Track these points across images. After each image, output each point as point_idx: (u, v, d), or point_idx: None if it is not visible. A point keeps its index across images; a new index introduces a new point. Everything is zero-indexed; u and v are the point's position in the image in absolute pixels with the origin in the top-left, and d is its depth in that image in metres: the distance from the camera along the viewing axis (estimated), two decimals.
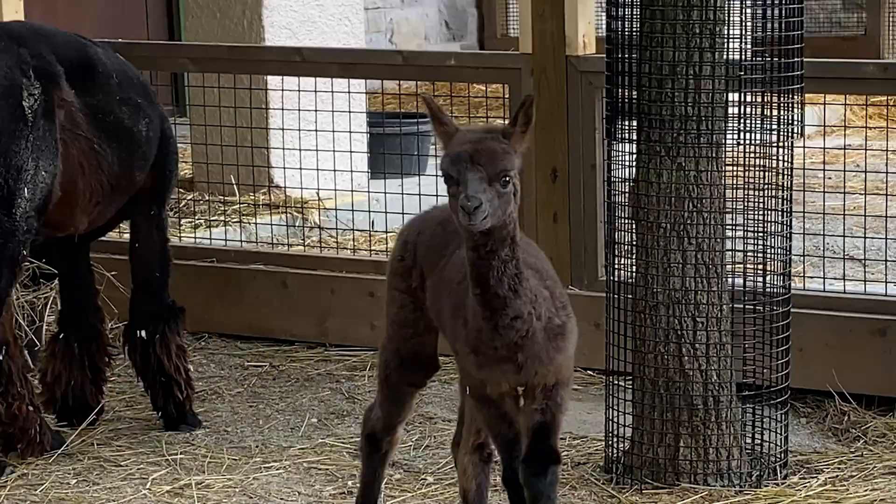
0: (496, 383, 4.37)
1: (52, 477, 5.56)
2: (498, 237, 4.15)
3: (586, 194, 6.76)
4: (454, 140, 4.19)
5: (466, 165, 4.08)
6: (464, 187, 4.07)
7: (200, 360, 7.00)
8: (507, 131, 4.19)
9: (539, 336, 4.29)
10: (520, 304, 4.23)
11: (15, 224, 5.39)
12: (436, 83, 8.16)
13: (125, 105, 5.81)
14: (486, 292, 4.20)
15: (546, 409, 4.40)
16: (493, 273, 4.17)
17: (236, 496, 5.38)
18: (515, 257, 4.20)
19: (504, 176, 4.11)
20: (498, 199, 4.10)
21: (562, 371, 4.40)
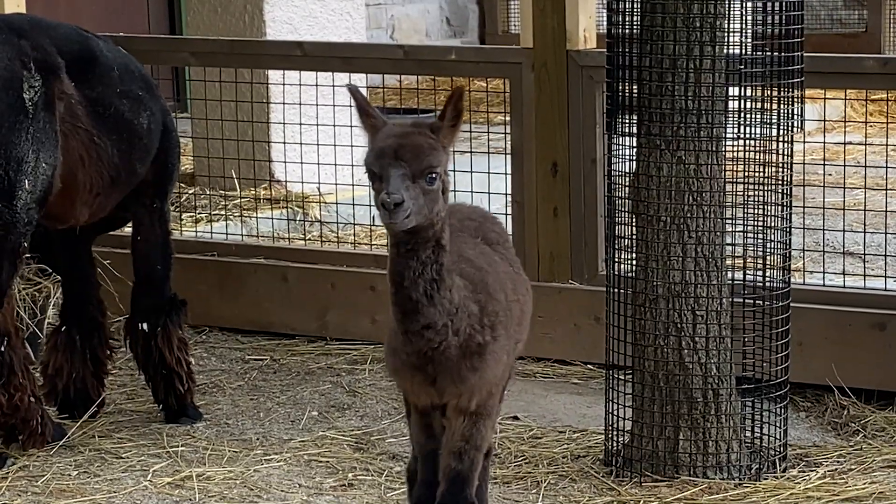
0: (414, 393, 4.22)
1: (53, 468, 5.57)
2: (421, 238, 3.96)
3: (586, 188, 6.78)
4: (380, 134, 4.02)
5: (389, 161, 3.92)
6: (385, 184, 3.90)
7: (201, 354, 7.02)
8: (435, 126, 4.03)
9: (452, 352, 4.07)
10: (433, 312, 4.02)
11: (16, 216, 5.40)
12: (436, 78, 8.14)
13: (126, 98, 5.82)
14: (398, 293, 4.01)
15: (463, 454, 4.21)
16: (409, 274, 3.98)
17: (237, 488, 5.40)
18: (438, 262, 4.00)
19: (430, 173, 3.93)
20: (423, 196, 3.91)
21: (480, 396, 4.17)
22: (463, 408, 4.18)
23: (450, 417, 4.21)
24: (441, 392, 4.14)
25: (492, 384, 4.20)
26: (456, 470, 4.19)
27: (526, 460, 5.62)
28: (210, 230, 7.88)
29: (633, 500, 5.24)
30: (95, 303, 6.15)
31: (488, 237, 4.43)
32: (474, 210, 4.65)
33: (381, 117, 4.07)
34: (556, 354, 6.81)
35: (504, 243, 4.51)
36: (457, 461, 4.19)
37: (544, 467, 5.55)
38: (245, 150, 8.11)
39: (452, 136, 4.05)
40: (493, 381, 4.20)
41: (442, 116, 4.05)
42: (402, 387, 4.28)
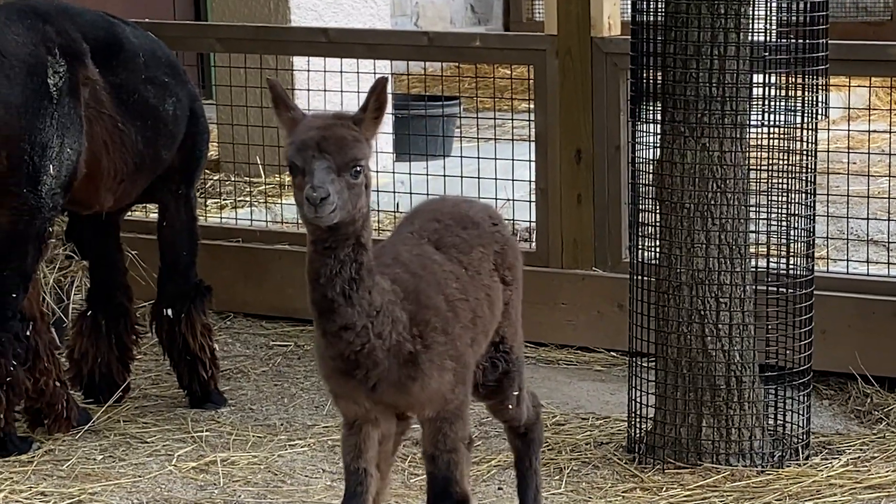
0: (347, 400, 4.04)
1: (78, 453, 5.61)
2: (341, 235, 3.80)
3: (610, 175, 6.78)
4: (300, 126, 3.86)
5: (313, 154, 3.76)
6: (309, 177, 3.74)
7: (226, 340, 7.05)
8: (357, 118, 3.87)
9: (379, 356, 3.91)
10: (351, 313, 3.85)
11: (41, 201, 5.44)
12: (461, 65, 8.16)
13: (151, 84, 5.84)
14: (315, 291, 3.85)
15: (438, 459, 4.08)
16: (325, 272, 3.82)
17: (261, 473, 5.42)
18: (358, 260, 3.83)
19: (354, 166, 3.78)
20: (347, 191, 3.76)
21: (434, 403, 4.03)
22: (422, 416, 4.07)
23: (421, 422, 4.12)
24: (384, 400, 3.99)
25: (442, 392, 4.03)
26: (434, 475, 4.09)
27: (549, 447, 5.63)
28: (235, 216, 7.91)
29: (656, 486, 5.25)
30: (122, 288, 6.17)
31: (444, 240, 4.21)
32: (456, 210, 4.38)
33: (301, 110, 3.92)
34: (580, 341, 6.82)
35: (470, 248, 4.24)
36: (432, 465, 4.09)
37: (567, 454, 5.57)
38: (270, 137, 8.13)
39: (375, 129, 3.88)
40: (443, 390, 4.02)
41: (364, 108, 3.88)
42: (334, 392, 4.09)
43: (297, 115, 3.89)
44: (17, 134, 5.37)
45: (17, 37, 5.43)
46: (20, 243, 5.43)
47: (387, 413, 4.11)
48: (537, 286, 6.86)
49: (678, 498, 5.15)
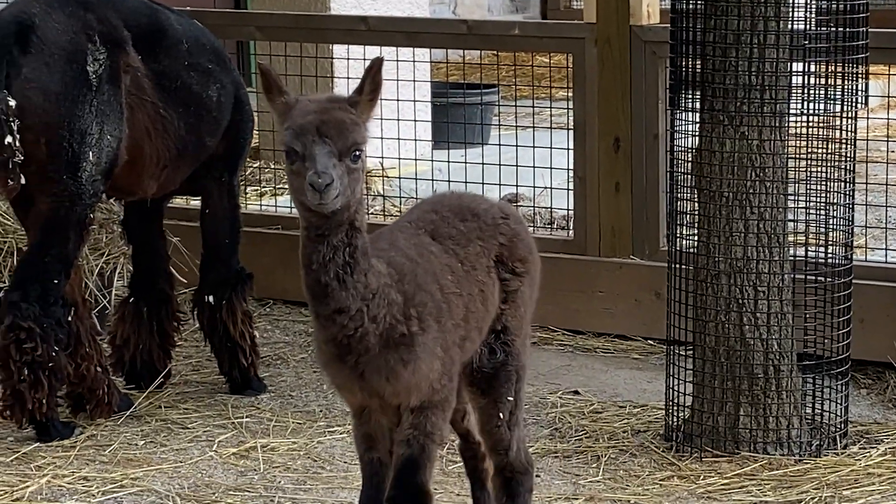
0: (346, 390, 3.95)
1: (120, 438, 5.66)
2: (335, 221, 3.70)
3: (649, 164, 6.78)
4: (295, 111, 3.72)
5: (313, 138, 3.64)
6: (311, 163, 3.62)
7: (266, 326, 7.09)
8: (353, 100, 3.76)
9: (371, 340, 3.81)
10: (345, 296, 3.75)
11: (81, 187, 5.48)
12: (500, 53, 8.15)
13: (194, 71, 5.87)
14: (308, 276, 3.76)
15: (412, 440, 3.92)
16: (318, 258, 3.73)
17: (301, 459, 5.46)
18: (352, 244, 3.73)
19: (355, 150, 3.68)
20: (347, 176, 3.66)
21: (419, 393, 3.90)
22: (409, 405, 3.93)
23: (400, 415, 3.96)
24: (371, 388, 3.87)
25: (430, 380, 3.91)
26: (405, 456, 3.92)
27: (586, 434, 5.66)
28: (274, 204, 7.94)
29: (693, 475, 5.26)
30: (164, 275, 6.22)
31: (440, 231, 4.10)
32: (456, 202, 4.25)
33: (293, 95, 3.80)
34: (617, 329, 6.83)
35: (467, 241, 4.12)
36: (405, 447, 3.92)
37: (604, 442, 5.58)
38: None
39: (371, 112, 3.77)
40: (431, 378, 3.90)
41: (360, 90, 3.76)
42: (333, 382, 4.01)
43: (291, 100, 3.76)
44: (56, 121, 5.41)
45: (57, 24, 5.47)
46: (61, 230, 5.47)
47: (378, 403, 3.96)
48: (575, 274, 6.88)
49: (715, 486, 5.16)
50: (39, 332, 5.40)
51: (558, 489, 5.15)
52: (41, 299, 5.42)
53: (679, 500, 5.06)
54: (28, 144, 5.35)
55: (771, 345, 5.41)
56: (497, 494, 4.32)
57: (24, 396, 5.44)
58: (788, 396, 5.43)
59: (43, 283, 5.44)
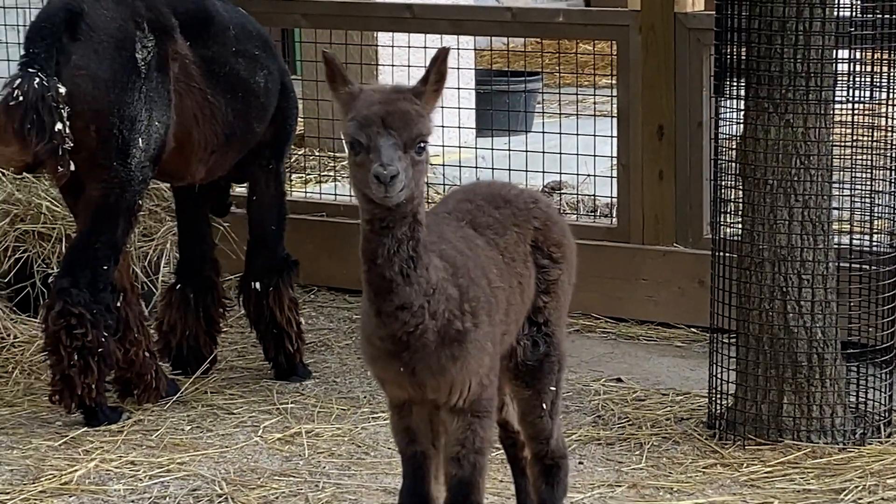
0: (392, 384, 3.86)
1: (167, 423, 5.71)
2: (399, 213, 3.61)
3: (692, 151, 6.78)
4: (359, 101, 3.65)
5: (378, 130, 3.56)
6: (376, 154, 3.54)
7: (310, 313, 7.13)
8: (418, 91, 3.67)
9: (430, 337, 3.71)
10: (409, 292, 3.66)
11: (130, 174, 5.52)
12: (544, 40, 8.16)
13: (241, 57, 5.91)
14: (371, 271, 3.67)
15: (463, 460, 3.84)
16: (383, 252, 3.64)
17: (345, 445, 5.49)
18: (414, 238, 3.65)
19: (420, 141, 3.59)
20: (412, 168, 3.57)
21: (465, 389, 3.81)
22: (453, 406, 3.83)
23: (444, 419, 3.87)
24: (421, 384, 3.79)
25: (479, 376, 3.83)
26: (457, 477, 3.84)
27: (629, 422, 5.67)
28: (319, 191, 7.98)
29: (736, 462, 5.26)
30: (210, 262, 6.26)
31: (478, 221, 4.04)
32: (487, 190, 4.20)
33: (357, 84, 3.72)
34: (660, 317, 6.83)
35: (504, 229, 4.07)
36: (456, 467, 3.84)
37: (647, 429, 5.59)
38: None
39: (435, 102, 3.69)
40: (480, 373, 3.83)
41: (425, 80, 3.69)
42: (379, 377, 3.91)
43: (354, 90, 3.69)
44: (105, 108, 5.46)
45: (106, 11, 5.52)
46: (111, 216, 5.52)
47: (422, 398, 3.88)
48: (618, 262, 6.89)
49: (759, 474, 5.16)
50: (89, 317, 5.45)
51: (601, 476, 5.16)
52: (91, 285, 5.47)
53: (722, 488, 5.06)
54: (78, 131, 5.39)
55: (815, 333, 5.40)
56: (536, 482, 4.30)
57: (73, 381, 5.49)
58: (832, 385, 5.43)
59: (93, 269, 5.49)
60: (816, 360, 5.41)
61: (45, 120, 5.28)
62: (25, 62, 5.35)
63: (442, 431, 3.90)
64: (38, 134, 5.27)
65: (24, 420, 5.74)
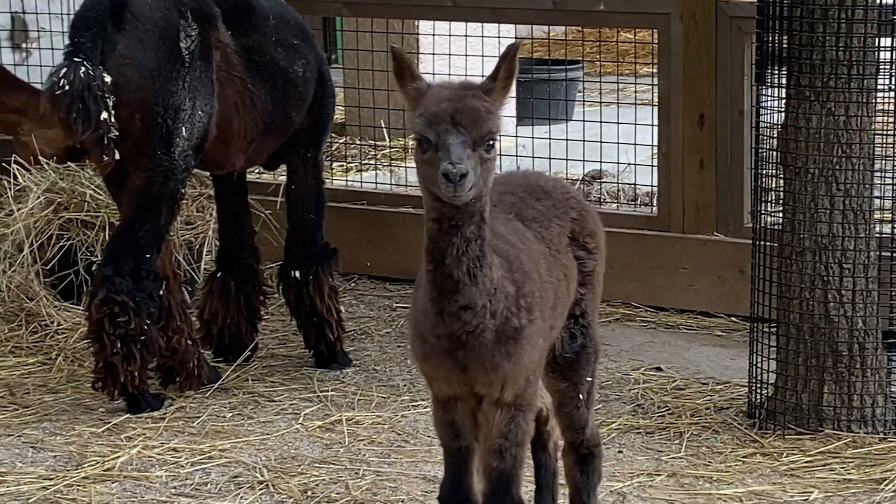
0: (442, 381, 3.82)
1: (208, 410, 5.74)
2: (468, 211, 3.57)
3: (733, 140, 6.76)
4: (428, 98, 3.59)
5: (447, 127, 3.50)
6: (445, 153, 3.48)
7: (350, 301, 7.15)
8: (487, 87, 3.61)
9: (488, 336, 3.68)
10: (474, 292, 3.63)
11: (174, 162, 5.56)
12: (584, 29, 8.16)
13: (281, 46, 5.93)
14: (438, 271, 3.62)
15: (504, 452, 3.81)
16: (452, 251, 3.59)
17: (385, 433, 5.51)
18: (481, 237, 3.61)
19: (489, 139, 3.54)
20: (481, 166, 3.52)
21: (516, 385, 3.78)
22: (498, 399, 3.80)
23: (485, 411, 3.84)
24: (472, 381, 3.77)
25: (528, 371, 3.80)
26: (498, 470, 3.81)
27: (669, 411, 5.67)
28: (360, 179, 8.00)
29: (776, 452, 5.25)
30: (250, 250, 6.29)
31: (524, 214, 4.00)
32: (525, 181, 4.17)
33: (426, 81, 3.65)
34: (700, 306, 6.82)
35: (548, 221, 4.05)
36: (498, 460, 3.81)
37: (687, 418, 5.59)
38: (395, 101, 8.21)
39: (504, 99, 3.63)
40: (530, 369, 3.81)
41: (494, 76, 3.63)
42: (429, 374, 3.86)
43: (423, 86, 3.63)
44: (150, 97, 5.49)
45: (150, 1, 5.54)
46: (154, 204, 5.56)
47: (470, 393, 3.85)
48: (658, 251, 6.88)
49: (799, 464, 5.15)
50: (132, 305, 5.49)
51: (640, 465, 5.17)
52: (134, 273, 5.51)
53: (762, 478, 5.06)
54: (123, 120, 5.43)
55: (855, 322, 5.38)
56: (571, 470, 4.29)
57: (116, 369, 5.54)
58: (873, 374, 5.41)
59: (136, 257, 5.52)
60: (857, 350, 5.39)
61: (91, 109, 5.31)
62: (71, 51, 5.37)
63: (483, 423, 3.87)
64: (84, 123, 5.31)
65: (68, 407, 5.79)
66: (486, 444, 3.84)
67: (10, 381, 6.08)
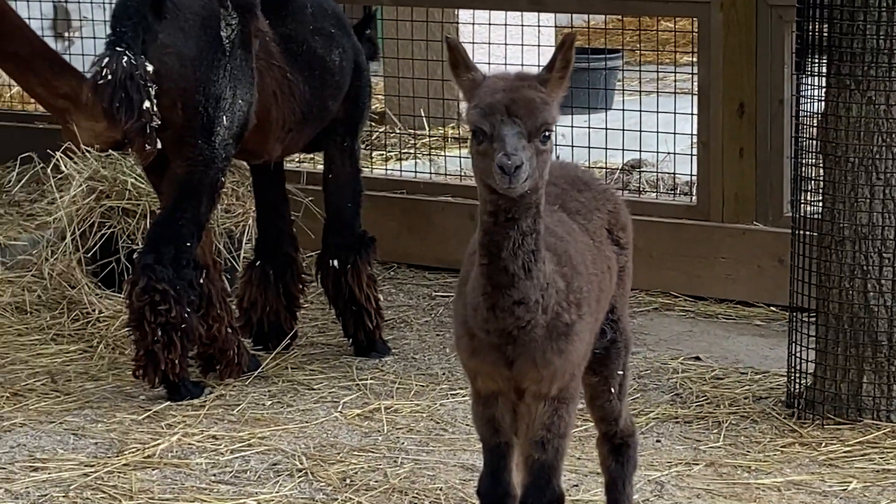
0: (487, 376, 3.78)
1: (248, 398, 5.77)
2: (524, 204, 3.52)
3: (773, 129, 6.74)
4: (483, 88, 3.55)
5: (502, 118, 3.46)
6: (500, 144, 3.45)
7: (390, 290, 7.17)
8: (543, 78, 3.58)
9: (539, 332, 3.64)
10: (529, 287, 3.58)
11: (214, 151, 5.58)
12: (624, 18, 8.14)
13: (318, 35, 5.95)
14: (493, 265, 3.57)
15: (546, 444, 3.77)
16: (508, 245, 3.54)
17: (423, 421, 5.53)
18: (536, 230, 3.56)
19: (545, 130, 3.49)
20: (536, 157, 3.48)
21: (563, 379, 3.75)
22: (544, 393, 3.76)
23: (528, 403, 3.80)
24: (520, 377, 3.73)
25: (575, 366, 3.77)
26: (540, 461, 3.78)
27: (707, 400, 5.66)
28: (399, 168, 8.02)
29: (815, 442, 5.24)
30: (289, 238, 6.31)
31: (568, 206, 3.96)
32: (565, 173, 4.11)
33: (481, 71, 3.62)
34: (739, 296, 6.81)
35: (590, 213, 4.01)
36: (540, 451, 3.78)
37: (725, 408, 5.58)
38: (434, 90, 8.23)
39: (561, 89, 3.59)
40: (577, 364, 3.77)
41: (550, 67, 3.59)
42: (474, 369, 3.81)
43: (478, 77, 3.58)
44: (191, 86, 5.51)
45: None
46: (194, 193, 5.58)
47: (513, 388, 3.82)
48: (697, 240, 6.87)
49: (837, 454, 5.14)
50: (173, 293, 5.52)
51: (679, 454, 5.17)
52: (174, 262, 5.54)
53: (800, 467, 5.05)
54: (164, 109, 5.46)
55: (895, 312, 5.36)
56: (605, 460, 4.28)
57: (157, 357, 5.57)
58: None
59: (176, 245, 5.55)
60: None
61: (134, 98, 5.33)
62: (113, 41, 5.40)
63: (525, 416, 3.84)
64: (127, 112, 5.33)
65: (109, 394, 5.84)
66: (528, 436, 3.82)
67: (52, 368, 6.13)
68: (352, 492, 4.87)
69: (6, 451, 5.26)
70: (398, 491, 4.88)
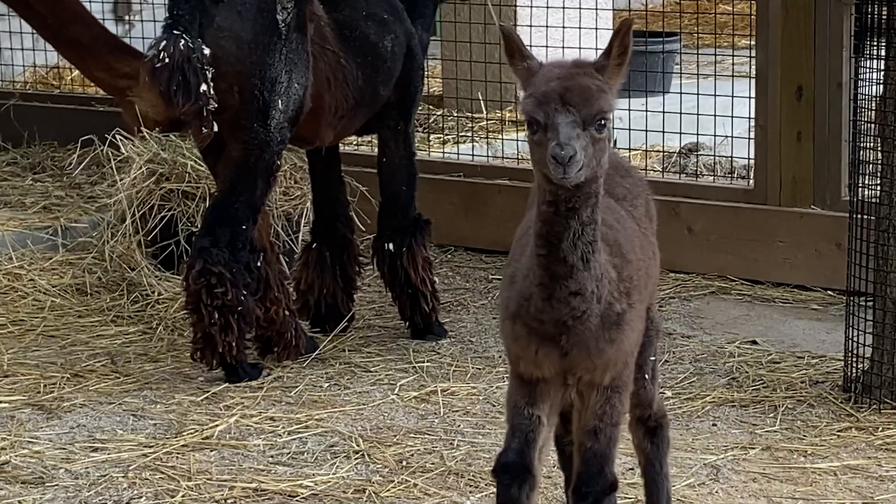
0: (533, 364, 3.72)
1: (305, 380, 5.81)
2: (584, 193, 3.47)
3: (831, 112, 6.70)
4: (538, 77, 3.50)
5: (556, 107, 3.41)
6: (553, 133, 3.39)
7: (446, 272, 7.19)
8: (600, 65, 3.51)
9: (593, 322, 3.60)
10: (586, 277, 3.54)
11: (270, 135, 5.61)
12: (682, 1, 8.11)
13: (371, 20, 5.97)
14: (552, 256, 3.53)
15: (599, 432, 3.75)
16: (569, 236, 3.50)
17: (480, 404, 5.55)
18: (595, 220, 3.52)
19: (600, 118, 3.43)
20: (592, 146, 3.42)
21: (616, 368, 3.72)
22: (597, 383, 3.74)
23: (581, 392, 3.77)
24: (573, 366, 3.69)
25: (627, 355, 3.74)
26: (593, 450, 3.76)
27: (764, 384, 5.65)
28: (457, 151, 8.03)
29: (872, 426, 5.22)
30: (345, 221, 6.34)
31: (615, 191, 3.90)
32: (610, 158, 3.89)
33: (537, 59, 3.56)
34: (796, 280, 6.78)
35: (634, 199, 3.98)
36: (592, 440, 3.76)
37: (782, 392, 5.57)
38: (492, 73, 8.23)
39: (619, 76, 3.53)
40: (629, 352, 3.74)
41: (607, 53, 3.53)
42: (522, 356, 3.74)
43: (534, 65, 3.54)
44: (248, 69, 5.55)
45: None
46: (250, 176, 5.62)
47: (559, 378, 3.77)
48: (755, 224, 6.85)
49: (894, 438, 5.12)
50: (229, 276, 5.56)
51: (735, 438, 5.16)
52: (230, 244, 5.58)
53: (857, 452, 5.03)
54: (221, 92, 5.49)
55: None
56: (641, 443, 4.25)
57: (214, 339, 5.62)
58: None
59: (232, 228, 5.59)
60: None
61: (191, 81, 5.38)
62: (170, 24, 5.44)
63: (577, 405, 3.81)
64: (184, 95, 5.38)
65: (168, 376, 5.89)
66: (581, 425, 3.80)
67: (112, 349, 6.20)
68: (408, 474, 4.89)
69: (66, 431, 5.33)
70: (454, 473, 4.90)
